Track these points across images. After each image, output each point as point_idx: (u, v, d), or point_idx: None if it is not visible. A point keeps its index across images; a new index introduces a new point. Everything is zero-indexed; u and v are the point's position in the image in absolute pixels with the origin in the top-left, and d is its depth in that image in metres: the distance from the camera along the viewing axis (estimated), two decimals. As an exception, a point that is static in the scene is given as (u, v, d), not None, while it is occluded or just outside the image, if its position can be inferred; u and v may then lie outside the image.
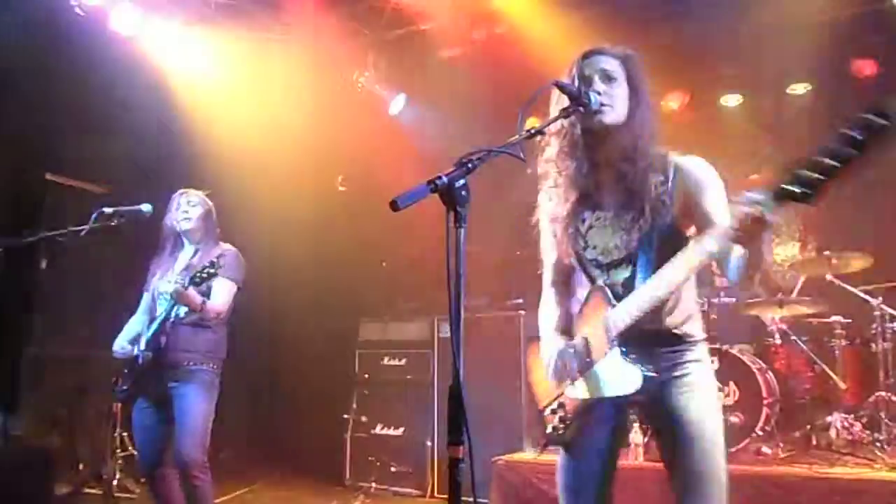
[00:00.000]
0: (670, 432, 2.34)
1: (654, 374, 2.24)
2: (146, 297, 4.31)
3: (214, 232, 4.29)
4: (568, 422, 2.43)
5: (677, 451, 2.31)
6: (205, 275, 3.82)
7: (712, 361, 5.09)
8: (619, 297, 2.33)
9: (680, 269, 2.17)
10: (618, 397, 2.31)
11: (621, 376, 2.27)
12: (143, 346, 4.00)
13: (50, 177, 6.56)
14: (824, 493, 4.20)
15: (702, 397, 2.34)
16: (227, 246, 4.27)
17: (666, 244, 2.29)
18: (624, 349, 2.27)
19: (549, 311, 2.59)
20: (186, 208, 4.20)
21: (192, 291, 3.86)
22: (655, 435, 2.46)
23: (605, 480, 2.46)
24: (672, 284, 2.20)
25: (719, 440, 2.31)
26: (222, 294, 4.09)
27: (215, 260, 3.85)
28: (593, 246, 2.44)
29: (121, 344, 4.13)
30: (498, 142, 2.13)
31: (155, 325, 4.01)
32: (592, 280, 2.43)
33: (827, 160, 1.77)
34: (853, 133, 1.74)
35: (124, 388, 4.11)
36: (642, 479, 4.39)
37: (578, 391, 2.41)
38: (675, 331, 2.36)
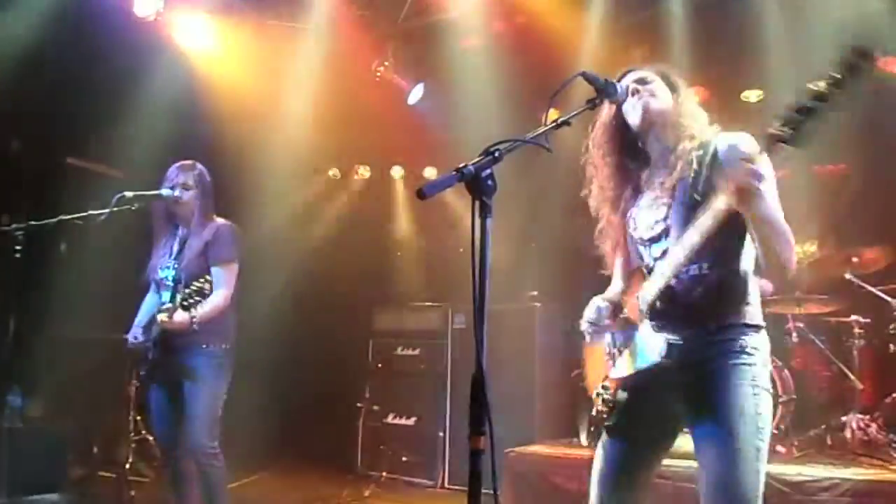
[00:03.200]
0: (697, 424, 2.26)
1: (678, 341, 2.24)
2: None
3: (209, 210, 4.15)
4: (612, 404, 2.41)
5: (701, 450, 2.23)
6: (191, 300, 3.66)
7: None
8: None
9: (692, 231, 2.18)
10: (644, 369, 2.29)
11: (648, 347, 2.29)
12: (153, 335, 3.99)
13: (71, 161, 6.60)
14: (838, 493, 4.17)
15: (738, 392, 2.20)
16: (220, 222, 4.14)
17: (699, 217, 2.21)
18: (652, 321, 2.31)
19: (612, 290, 2.62)
20: (180, 192, 4.07)
21: (176, 317, 3.68)
22: (691, 430, 2.33)
23: (642, 470, 2.44)
24: (686, 248, 2.19)
25: (753, 441, 2.17)
26: (222, 283, 3.98)
27: (200, 285, 3.68)
28: (637, 226, 2.48)
29: (134, 333, 4.13)
30: (518, 132, 2.12)
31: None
32: (641, 258, 2.47)
33: (810, 102, 1.85)
34: (833, 74, 1.83)
35: (142, 372, 4.14)
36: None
37: (618, 370, 2.43)
38: (715, 314, 2.27)
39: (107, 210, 3.99)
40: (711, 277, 2.26)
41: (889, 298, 5.26)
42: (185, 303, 3.66)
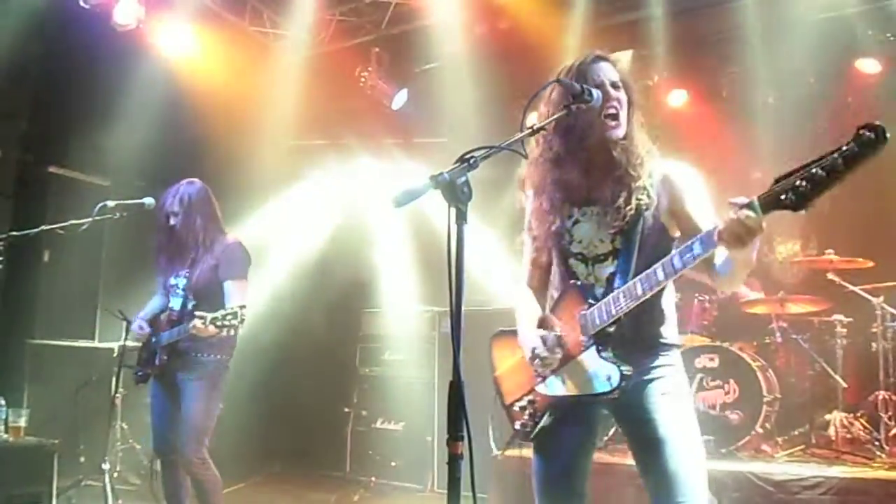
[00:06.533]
0: (642, 434, 2.37)
1: (629, 373, 2.25)
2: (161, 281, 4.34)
3: (214, 226, 4.18)
4: (538, 419, 2.44)
5: (649, 452, 2.34)
6: (226, 322, 3.74)
7: (712, 359, 5.15)
8: (597, 294, 2.36)
9: (661, 271, 2.20)
10: (591, 395, 2.31)
11: (596, 375, 2.29)
12: (162, 339, 4.04)
13: (53, 169, 6.56)
14: (823, 492, 4.20)
15: (674, 400, 2.36)
16: (230, 240, 4.19)
17: (649, 243, 2.34)
18: (599, 347, 2.30)
19: (524, 305, 2.58)
20: (174, 220, 4.08)
21: (209, 329, 3.76)
22: (627, 437, 2.48)
23: (578, 478, 2.49)
24: (653, 287, 2.22)
25: (693, 441, 2.34)
26: (234, 299, 4.02)
27: (236, 310, 3.75)
28: (578, 240, 2.44)
29: (139, 323, 4.17)
30: (500, 137, 2.14)
31: (168, 318, 4.10)
32: (574, 275, 2.44)
33: (818, 171, 1.80)
34: (848, 147, 1.78)
35: (140, 371, 4.16)
36: (612, 475, 4.47)
37: (551, 388, 2.42)
38: (652, 334, 2.40)
39: (88, 219, 4.00)
40: (653, 300, 2.32)
41: (871, 297, 5.31)
42: (219, 323, 3.71)
